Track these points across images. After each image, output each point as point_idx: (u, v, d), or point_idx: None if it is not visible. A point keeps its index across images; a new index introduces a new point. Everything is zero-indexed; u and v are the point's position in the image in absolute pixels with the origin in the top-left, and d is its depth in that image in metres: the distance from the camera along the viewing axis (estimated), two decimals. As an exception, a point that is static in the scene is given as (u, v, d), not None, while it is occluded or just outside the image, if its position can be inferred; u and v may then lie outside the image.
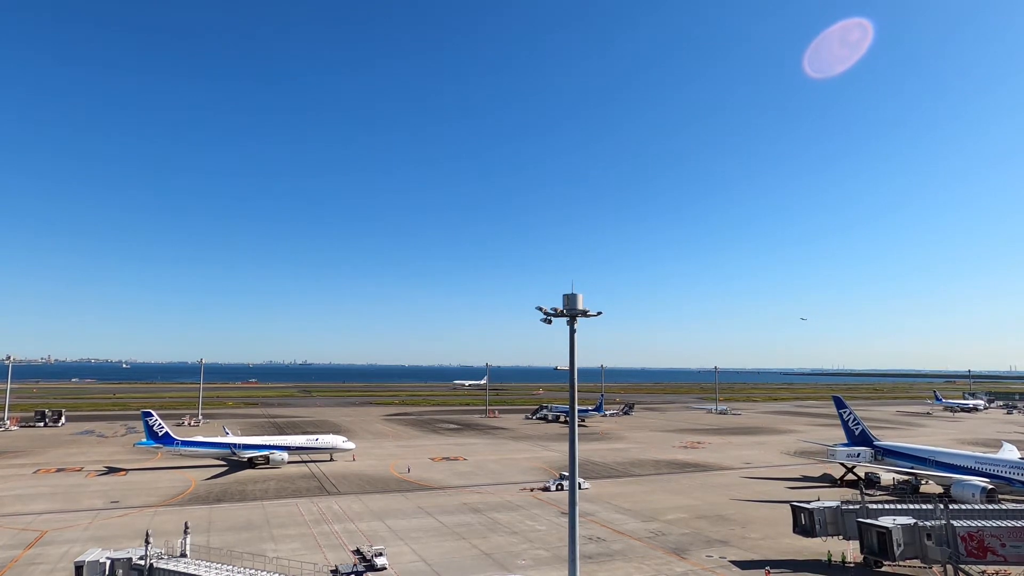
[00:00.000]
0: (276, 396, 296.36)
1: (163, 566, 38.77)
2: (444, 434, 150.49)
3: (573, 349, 40.70)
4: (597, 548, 56.88)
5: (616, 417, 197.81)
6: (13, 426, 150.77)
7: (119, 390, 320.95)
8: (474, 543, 58.24)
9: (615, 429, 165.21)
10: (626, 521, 67.49)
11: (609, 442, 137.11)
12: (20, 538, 58.51)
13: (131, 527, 60.86)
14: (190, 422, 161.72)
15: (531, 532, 62.45)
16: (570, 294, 40.86)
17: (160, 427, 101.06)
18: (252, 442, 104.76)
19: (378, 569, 49.55)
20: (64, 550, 53.64)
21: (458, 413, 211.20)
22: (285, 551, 53.09)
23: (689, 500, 78.81)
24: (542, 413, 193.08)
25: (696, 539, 60.49)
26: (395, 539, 58.75)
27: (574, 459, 40.24)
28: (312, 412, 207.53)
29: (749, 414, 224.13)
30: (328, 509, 71.50)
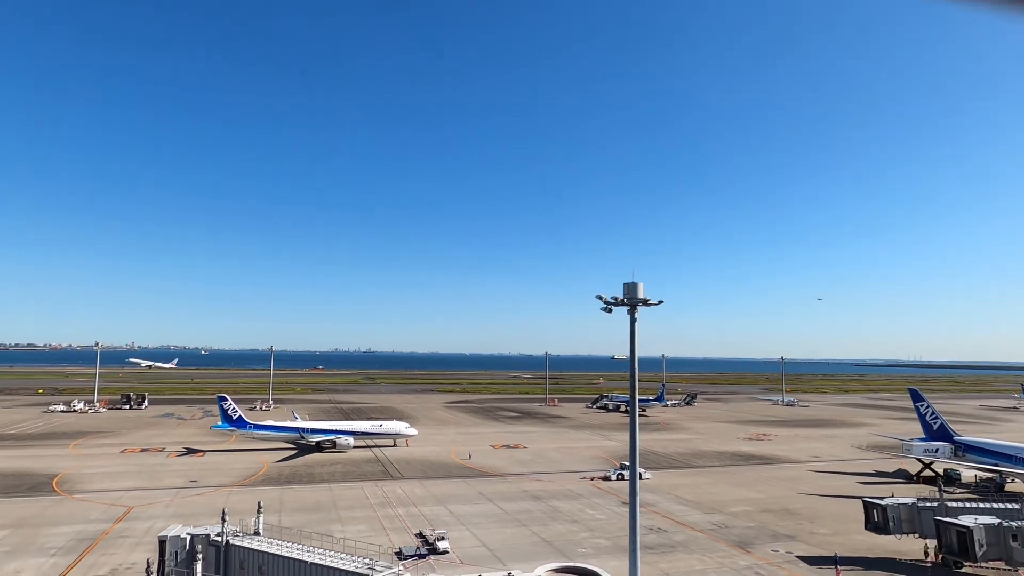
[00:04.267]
0: (341, 383, 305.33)
1: (238, 543, 40.69)
2: (504, 422, 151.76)
3: (634, 338, 40.27)
4: (658, 539, 56.37)
5: (678, 407, 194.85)
6: (102, 408, 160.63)
7: (197, 375, 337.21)
8: (534, 530, 58.67)
9: (677, 419, 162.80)
10: (688, 512, 66.58)
11: (671, 432, 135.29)
12: (110, 512, 62.57)
13: (208, 505, 64.09)
14: (261, 407, 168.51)
15: (592, 521, 62.41)
16: (631, 283, 40.38)
17: (234, 411, 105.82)
18: (320, 427, 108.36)
19: (440, 553, 50.58)
20: (148, 525, 57.05)
21: (518, 401, 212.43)
22: (352, 532, 54.84)
23: (754, 493, 77.00)
24: (602, 402, 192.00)
25: (761, 533, 59.12)
26: (457, 524, 59.78)
27: (635, 449, 39.90)
28: (376, 399, 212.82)
29: (818, 406, 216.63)
30: (392, 493, 73.36)
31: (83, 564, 47.78)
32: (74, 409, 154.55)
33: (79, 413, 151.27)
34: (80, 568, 46.77)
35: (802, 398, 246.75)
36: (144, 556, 42.47)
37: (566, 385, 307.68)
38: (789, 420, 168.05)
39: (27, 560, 48.59)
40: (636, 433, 39.96)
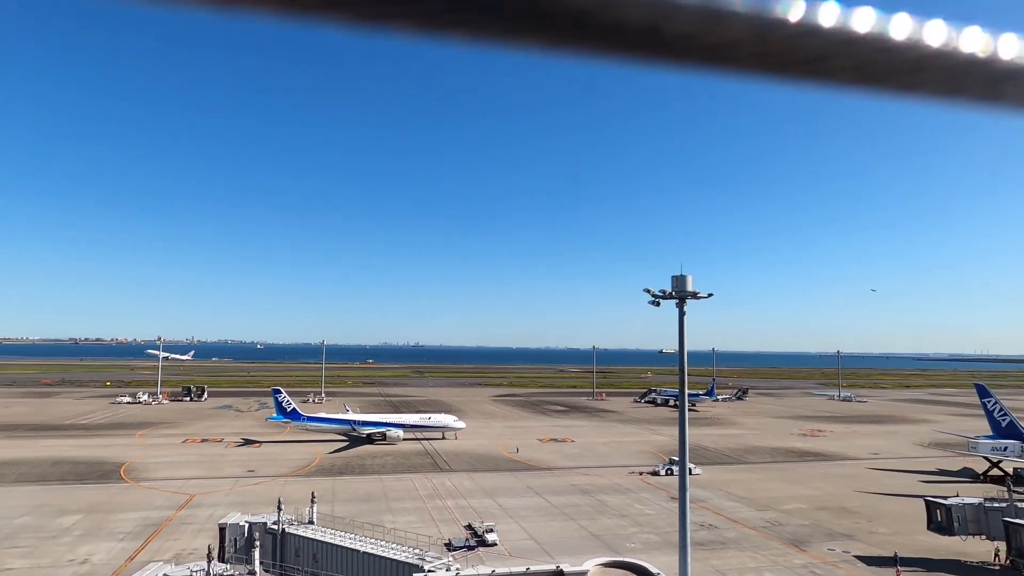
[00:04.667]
0: (391, 376, 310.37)
1: (293, 531, 41.94)
2: (551, 415, 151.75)
3: (683, 332, 39.69)
4: (709, 535, 55.55)
5: (728, 402, 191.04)
6: (165, 400, 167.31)
7: (252, 369, 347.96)
8: (582, 524, 58.56)
9: (727, 414, 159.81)
10: (740, 509, 65.37)
11: (721, 427, 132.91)
12: (173, 500, 65.25)
13: (265, 494, 66.14)
14: (314, 399, 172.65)
15: (640, 516, 61.92)
16: (679, 276, 39.80)
17: (288, 403, 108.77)
18: (370, 419, 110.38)
19: (489, 545, 51.00)
20: (209, 512, 59.24)
21: (565, 395, 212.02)
22: (402, 523, 55.77)
23: (808, 490, 75.03)
24: (651, 397, 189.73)
25: (817, 531, 57.62)
26: (505, 516, 60.15)
27: (684, 444, 39.38)
28: (424, 392, 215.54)
29: (876, 401, 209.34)
30: (441, 485, 74.28)
31: (149, 548, 50.00)
32: (139, 401, 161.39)
33: (144, 405, 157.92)
34: (146, 552, 48.95)
35: (859, 393, 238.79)
36: (205, 542, 44.09)
37: (613, 379, 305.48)
38: (845, 416, 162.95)
39: (98, 544, 51.14)
40: (685, 428, 39.43)
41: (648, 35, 1.18)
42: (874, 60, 1.23)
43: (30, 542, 51.33)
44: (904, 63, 1.25)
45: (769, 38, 1.19)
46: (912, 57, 1.24)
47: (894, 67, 1.24)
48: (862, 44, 1.21)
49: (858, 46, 1.21)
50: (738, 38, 1.18)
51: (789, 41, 1.19)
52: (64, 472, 77.52)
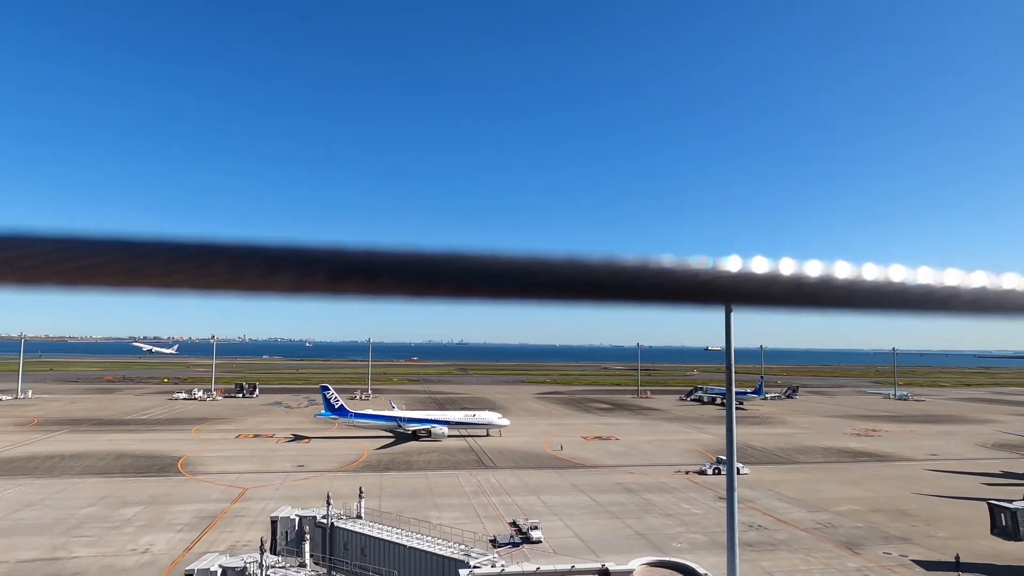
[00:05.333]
0: (435, 374, 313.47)
1: (342, 525, 42.83)
2: (596, 413, 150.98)
3: (729, 329, 38.96)
4: (758, 536, 54.47)
5: (777, 400, 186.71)
6: (219, 396, 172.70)
7: (302, 366, 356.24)
8: (628, 523, 58.13)
9: (776, 413, 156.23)
10: (790, 510, 63.88)
11: (770, 426, 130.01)
12: (227, 493, 67.39)
13: (314, 489, 67.65)
14: (361, 396, 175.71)
15: (687, 515, 61.12)
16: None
17: (336, 400, 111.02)
18: (416, 416, 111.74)
19: (534, 542, 51.09)
20: (261, 506, 60.96)
21: (609, 393, 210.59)
22: (447, 519, 56.35)
23: (862, 491, 72.76)
24: (697, 395, 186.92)
25: (872, 534, 55.88)
26: (549, 514, 60.14)
27: (732, 442, 38.68)
28: (468, 389, 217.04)
29: (935, 400, 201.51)
30: (486, 482, 74.72)
31: (205, 540, 51.76)
32: (194, 397, 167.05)
33: (199, 401, 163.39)
34: (203, 543, 50.68)
35: (916, 392, 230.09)
36: (258, 534, 45.42)
37: (658, 377, 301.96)
38: (902, 415, 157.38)
39: (158, 535, 53.20)
40: (733, 426, 38.73)
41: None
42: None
43: (95, 532, 53.75)
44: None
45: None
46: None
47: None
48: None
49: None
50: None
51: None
52: (126, 465, 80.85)
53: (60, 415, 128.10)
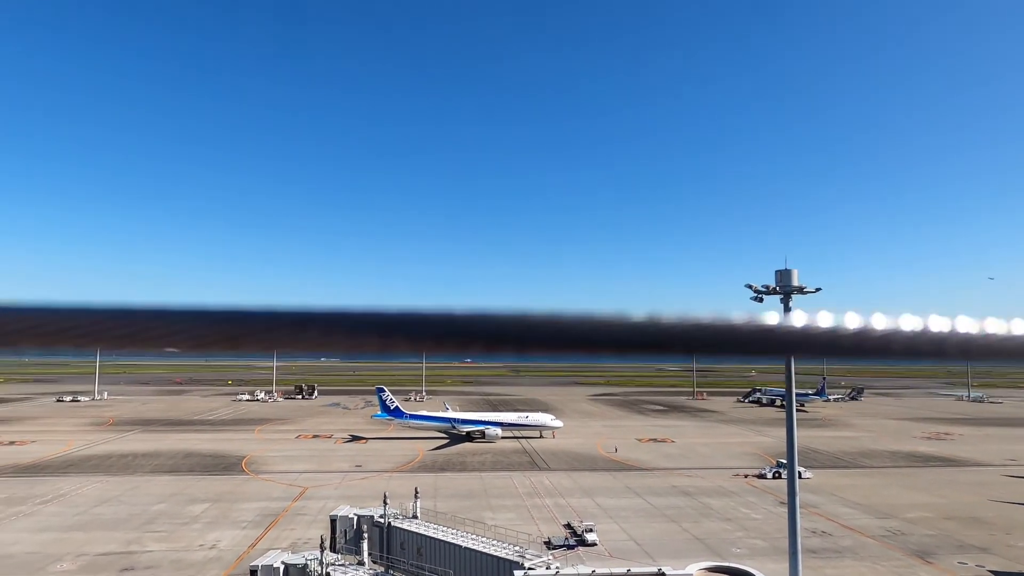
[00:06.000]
0: (488, 375, 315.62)
1: (399, 525, 43.50)
2: (650, 415, 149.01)
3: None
4: (822, 543, 52.70)
5: (841, 402, 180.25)
6: (279, 398, 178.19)
7: (358, 368, 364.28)
8: (684, 527, 57.13)
9: (840, 415, 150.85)
10: (856, 516, 61.53)
11: (833, 429, 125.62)
12: (289, 492, 69.40)
13: (371, 488, 68.96)
14: (416, 398, 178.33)
15: (746, 520, 59.64)
16: (783, 270, 38.05)
17: (391, 401, 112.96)
18: (469, 417, 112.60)
19: (589, 544, 50.75)
20: (321, 504, 62.51)
21: (664, 394, 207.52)
22: (502, 520, 56.52)
23: (934, 498, 69.45)
24: (755, 396, 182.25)
25: (945, 542, 53.28)
26: (604, 516, 59.64)
27: (792, 445, 37.58)
28: (521, 391, 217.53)
29: (1013, 402, 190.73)
30: (540, 483, 74.67)
31: (268, 537, 53.42)
32: (256, 398, 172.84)
33: (260, 402, 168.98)
34: (266, 540, 52.33)
35: (993, 394, 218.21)
36: (318, 532, 46.61)
37: (714, 378, 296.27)
38: (977, 418, 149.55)
39: (224, 531, 55.22)
40: (793, 428, 37.62)
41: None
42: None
43: (166, 527, 56.19)
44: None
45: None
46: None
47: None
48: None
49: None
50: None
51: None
52: (194, 464, 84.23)
53: (133, 415, 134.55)
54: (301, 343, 1.48)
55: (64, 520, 57.88)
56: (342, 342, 1.50)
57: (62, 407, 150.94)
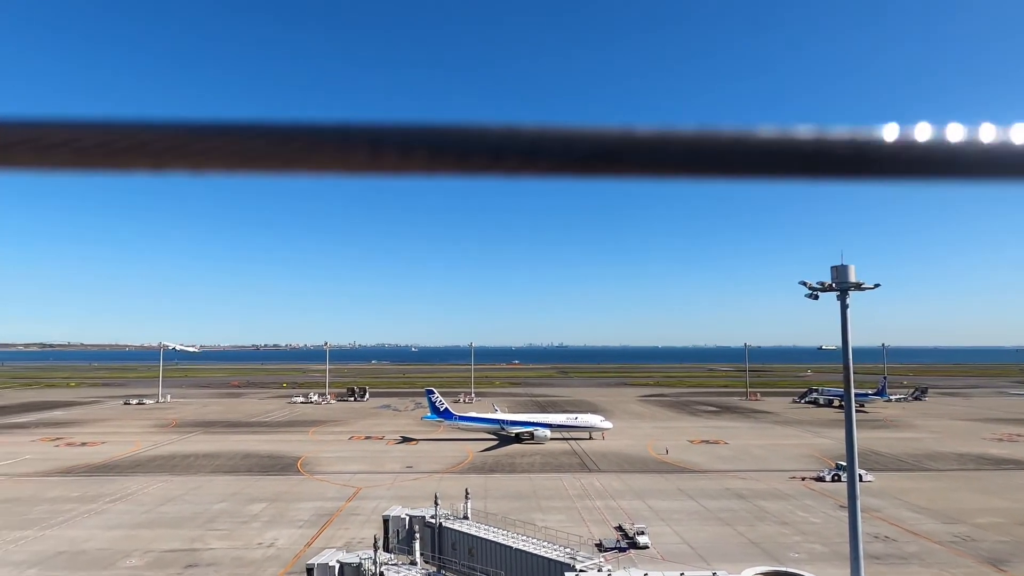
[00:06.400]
0: (536, 377, 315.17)
1: (450, 525, 43.87)
2: (702, 416, 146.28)
3: (846, 327, 36.71)
4: (886, 548, 50.78)
5: (903, 403, 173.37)
6: (332, 400, 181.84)
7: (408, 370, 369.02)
8: (739, 530, 55.87)
9: (902, 416, 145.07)
10: (922, 521, 59.06)
11: (896, 431, 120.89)
12: (342, 492, 70.78)
13: (422, 489, 69.76)
14: (464, 399, 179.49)
15: (804, 524, 57.94)
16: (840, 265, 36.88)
17: (441, 403, 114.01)
18: (518, 419, 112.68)
19: (640, 547, 50.15)
20: (374, 505, 63.56)
21: (716, 395, 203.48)
22: (552, 522, 56.39)
23: (1006, 502, 66.04)
24: (812, 396, 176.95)
25: (1019, 549, 50.66)
26: (656, 519, 58.85)
27: (852, 447, 36.34)
28: (569, 392, 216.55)
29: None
30: (590, 485, 74.18)
31: (324, 536, 54.61)
32: (310, 401, 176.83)
33: (314, 404, 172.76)
34: (322, 539, 53.50)
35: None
36: (371, 532, 47.39)
37: (768, 378, 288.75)
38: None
39: (281, 530, 56.72)
40: (853, 429, 36.37)
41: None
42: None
43: (227, 526, 58.05)
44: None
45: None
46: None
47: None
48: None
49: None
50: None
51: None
52: (252, 464, 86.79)
53: (194, 417, 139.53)
54: (314, 160, 1.36)
55: (132, 518, 60.45)
56: (357, 158, 1.36)
57: (129, 409, 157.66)
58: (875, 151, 1.38)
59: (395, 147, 1.37)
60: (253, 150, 1.36)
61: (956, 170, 1.40)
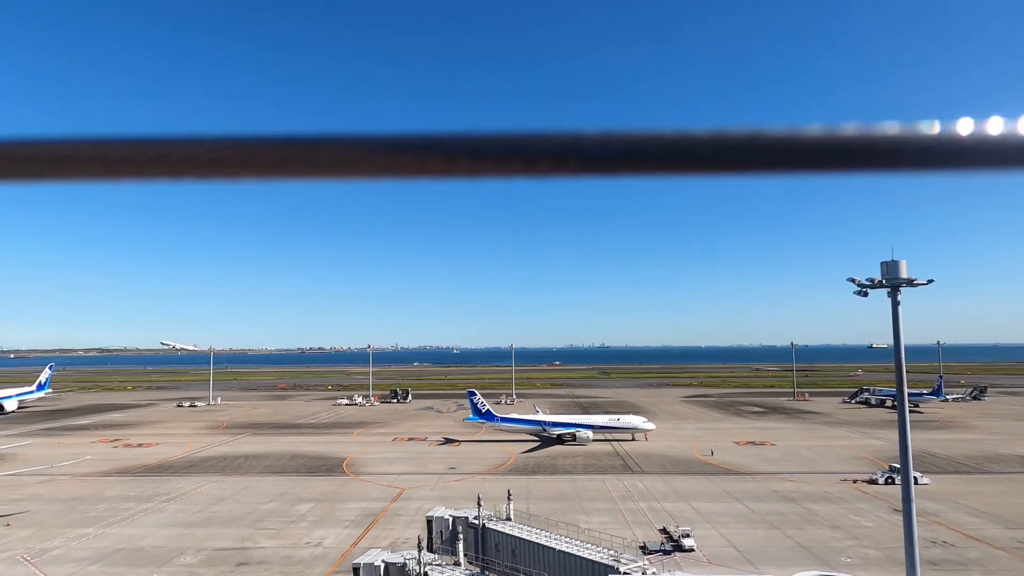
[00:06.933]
0: (578, 378, 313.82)
1: (493, 526, 44.02)
2: (748, 417, 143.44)
3: (897, 324, 35.56)
4: (944, 554, 48.94)
5: (961, 402, 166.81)
6: (376, 402, 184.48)
7: (449, 372, 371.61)
8: (788, 533, 54.59)
9: (960, 416, 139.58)
10: (983, 526, 56.72)
11: (953, 432, 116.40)
12: (387, 493, 71.72)
13: (465, 490, 70.16)
14: (506, 400, 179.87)
15: (856, 528, 56.27)
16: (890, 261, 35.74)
17: (482, 404, 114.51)
18: (560, 420, 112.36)
19: (686, 550, 49.46)
20: (418, 506, 64.21)
21: (762, 396, 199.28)
22: (595, 523, 56.06)
23: (1076, 507, 62.94)
24: (863, 396, 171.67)
25: (1089, 556, 48.22)
26: (701, 521, 57.96)
27: (906, 448, 35.15)
28: (611, 393, 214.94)
29: None
30: (633, 487, 73.49)
31: (369, 536, 55.42)
32: (355, 403, 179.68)
33: (358, 406, 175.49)
34: (367, 539, 54.31)
35: None
36: (415, 533, 47.87)
37: (817, 378, 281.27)
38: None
39: (328, 529, 57.79)
40: (907, 430, 35.19)
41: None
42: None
43: (276, 525, 59.43)
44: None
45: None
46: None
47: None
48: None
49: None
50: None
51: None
52: (299, 465, 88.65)
53: (244, 419, 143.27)
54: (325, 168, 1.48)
55: (186, 517, 62.42)
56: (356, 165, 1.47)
57: (181, 412, 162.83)
58: (921, 143, 1.44)
59: (441, 152, 1.46)
60: (316, 158, 1.48)
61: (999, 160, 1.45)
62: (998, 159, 1.44)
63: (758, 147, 1.46)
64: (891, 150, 1.44)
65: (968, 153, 1.44)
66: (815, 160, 1.45)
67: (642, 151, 1.47)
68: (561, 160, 1.48)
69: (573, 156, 1.47)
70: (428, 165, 1.48)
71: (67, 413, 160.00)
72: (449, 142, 1.49)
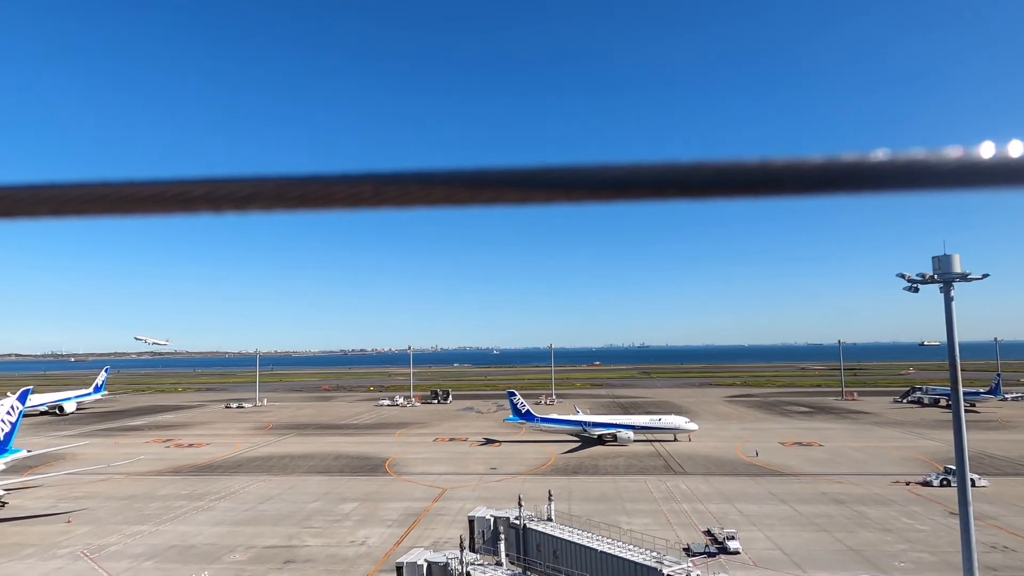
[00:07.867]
0: (618, 378, 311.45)
1: (533, 527, 44.00)
2: (793, 417, 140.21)
3: (951, 321, 34.33)
4: (1004, 559, 47.04)
5: (1020, 401, 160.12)
6: (417, 402, 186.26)
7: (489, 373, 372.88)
8: (837, 537, 53.18)
9: (1019, 416, 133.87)
10: (1046, 530, 54.30)
11: (1012, 432, 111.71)
12: (429, 492, 72.38)
13: (506, 491, 70.30)
14: (546, 401, 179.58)
15: (910, 531, 54.49)
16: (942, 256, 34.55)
17: (522, 405, 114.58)
18: (601, 420, 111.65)
19: (731, 552, 48.64)
20: (459, 506, 64.62)
21: (808, 395, 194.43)
22: (637, 525, 55.54)
23: None
24: (915, 396, 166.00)
25: None
26: (747, 524, 56.90)
27: (963, 449, 33.90)
28: (652, 393, 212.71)
29: None
30: (675, 488, 72.58)
31: (412, 536, 56.01)
32: (396, 403, 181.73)
33: (400, 407, 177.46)
34: (410, 539, 54.91)
35: None
36: (457, 532, 48.20)
37: (865, 377, 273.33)
38: None
39: (372, 528, 58.62)
40: (963, 430, 33.94)
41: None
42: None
43: (321, 524, 60.56)
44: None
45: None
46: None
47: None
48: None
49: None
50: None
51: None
52: (343, 465, 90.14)
53: (289, 420, 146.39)
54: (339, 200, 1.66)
55: (235, 515, 64.10)
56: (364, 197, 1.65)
57: (229, 413, 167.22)
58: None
59: (488, 186, 1.64)
60: (358, 193, 1.68)
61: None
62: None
63: (770, 172, 1.55)
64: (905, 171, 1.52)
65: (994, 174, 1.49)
66: (838, 183, 1.54)
67: (639, 180, 1.59)
68: (569, 190, 1.62)
69: (581, 187, 1.62)
70: (431, 195, 1.64)
71: (122, 414, 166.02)
72: (465, 176, 1.64)
